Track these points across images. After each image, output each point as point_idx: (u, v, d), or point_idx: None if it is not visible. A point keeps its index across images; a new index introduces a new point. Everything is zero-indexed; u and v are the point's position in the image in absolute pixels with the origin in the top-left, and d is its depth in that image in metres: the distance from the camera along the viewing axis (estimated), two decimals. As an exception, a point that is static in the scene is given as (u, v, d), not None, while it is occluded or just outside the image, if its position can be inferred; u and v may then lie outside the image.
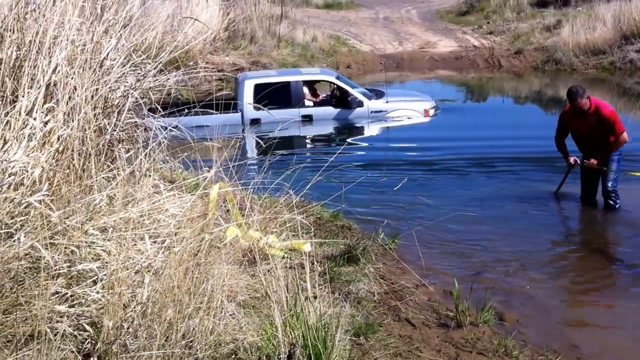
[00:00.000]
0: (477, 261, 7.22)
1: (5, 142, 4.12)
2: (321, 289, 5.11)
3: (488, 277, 6.76)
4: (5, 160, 3.86)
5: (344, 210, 7.34)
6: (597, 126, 8.51)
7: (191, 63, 10.29)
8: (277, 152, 6.92)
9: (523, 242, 7.82)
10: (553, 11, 26.33)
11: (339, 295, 5.43)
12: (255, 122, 14.10)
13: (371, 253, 6.40)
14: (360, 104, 14.80)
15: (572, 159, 8.96)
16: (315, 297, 4.58)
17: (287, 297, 4.42)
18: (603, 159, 8.67)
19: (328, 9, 34.70)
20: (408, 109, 15.18)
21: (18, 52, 4.87)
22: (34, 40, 4.96)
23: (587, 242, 8.20)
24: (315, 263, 5.17)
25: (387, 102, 15.04)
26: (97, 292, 3.86)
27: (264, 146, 6.78)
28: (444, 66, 23.78)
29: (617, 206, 8.69)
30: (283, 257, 5.50)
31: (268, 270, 4.86)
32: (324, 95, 15.66)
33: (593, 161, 8.70)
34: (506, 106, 18.82)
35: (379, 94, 15.38)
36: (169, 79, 6.11)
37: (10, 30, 4.92)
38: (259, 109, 13.65)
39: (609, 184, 8.69)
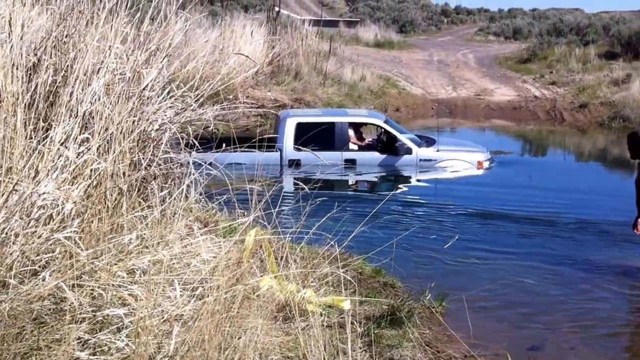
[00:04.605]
0: (532, 333, 7.05)
1: (36, 173, 4.17)
2: (362, 352, 5.05)
3: (545, 353, 6.62)
4: (36, 192, 3.89)
5: (387, 266, 7.27)
6: None
7: (231, 97, 10.40)
8: (318, 198, 6.89)
9: (584, 314, 7.62)
10: (622, 64, 26.24)
11: (380, 361, 5.36)
12: (294, 163, 14.14)
13: (416, 316, 6.32)
14: (408, 151, 14.71)
15: None
16: (355, 362, 4.53)
17: (325, 360, 4.37)
18: None
19: (379, 47, 35.11)
20: (460, 160, 15.06)
21: (54, 77, 4.96)
22: (72, 66, 5.04)
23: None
24: (356, 323, 5.12)
25: (437, 150, 14.97)
26: (122, 341, 3.85)
27: (306, 190, 6.74)
28: (500, 116, 23.74)
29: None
30: (320, 314, 5.45)
31: (304, 328, 4.82)
32: (370, 139, 15.66)
33: None
34: (567, 163, 18.63)
35: (429, 142, 15.33)
36: (204, 112, 6.16)
37: (48, 54, 5.01)
38: (299, 149, 13.65)
39: None
